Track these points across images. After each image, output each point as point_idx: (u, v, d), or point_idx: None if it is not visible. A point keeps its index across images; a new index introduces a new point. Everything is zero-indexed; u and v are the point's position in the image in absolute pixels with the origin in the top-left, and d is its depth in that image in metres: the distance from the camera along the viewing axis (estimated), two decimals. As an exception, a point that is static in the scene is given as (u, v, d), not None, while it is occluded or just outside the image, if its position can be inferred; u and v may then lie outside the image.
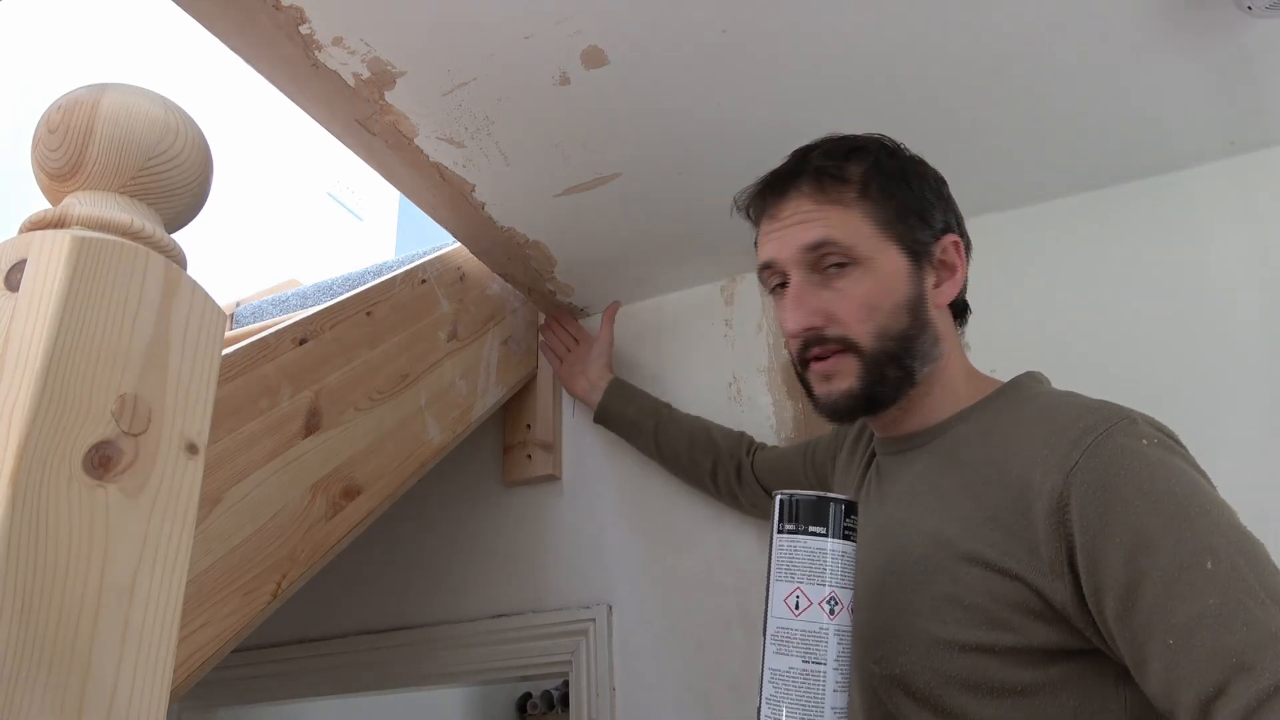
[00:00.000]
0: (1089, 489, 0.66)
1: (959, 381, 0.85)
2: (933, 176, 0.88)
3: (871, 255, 0.81)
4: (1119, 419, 0.69)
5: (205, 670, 0.87)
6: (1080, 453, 0.67)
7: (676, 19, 1.04)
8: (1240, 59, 1.13)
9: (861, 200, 0.83)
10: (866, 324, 0.80)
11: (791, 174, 0.86)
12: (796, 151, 0.89)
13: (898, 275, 0.82)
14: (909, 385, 0.82)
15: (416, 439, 1.24)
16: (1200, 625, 0.59)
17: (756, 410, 1.49)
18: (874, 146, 0.87)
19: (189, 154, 0.59)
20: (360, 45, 1.05)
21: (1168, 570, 0.61)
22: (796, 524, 0.68)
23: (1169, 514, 0.63)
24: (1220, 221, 1.30)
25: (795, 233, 0.82)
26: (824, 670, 0.65)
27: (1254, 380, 1.22)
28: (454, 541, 1.67)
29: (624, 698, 1.43)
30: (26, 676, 0.44)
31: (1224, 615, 0.59)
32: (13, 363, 0.48)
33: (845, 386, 0.81)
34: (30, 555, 0.45)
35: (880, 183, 0.84)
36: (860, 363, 0.80)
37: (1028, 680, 0.68)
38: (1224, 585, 0.60)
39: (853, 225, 0.82)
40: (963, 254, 0.87)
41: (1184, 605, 0.60)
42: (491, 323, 1.51)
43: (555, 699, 3.60)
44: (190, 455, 0.55)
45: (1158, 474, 0.65)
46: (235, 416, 0.93)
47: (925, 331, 0.82)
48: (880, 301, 0.80)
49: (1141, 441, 0.67)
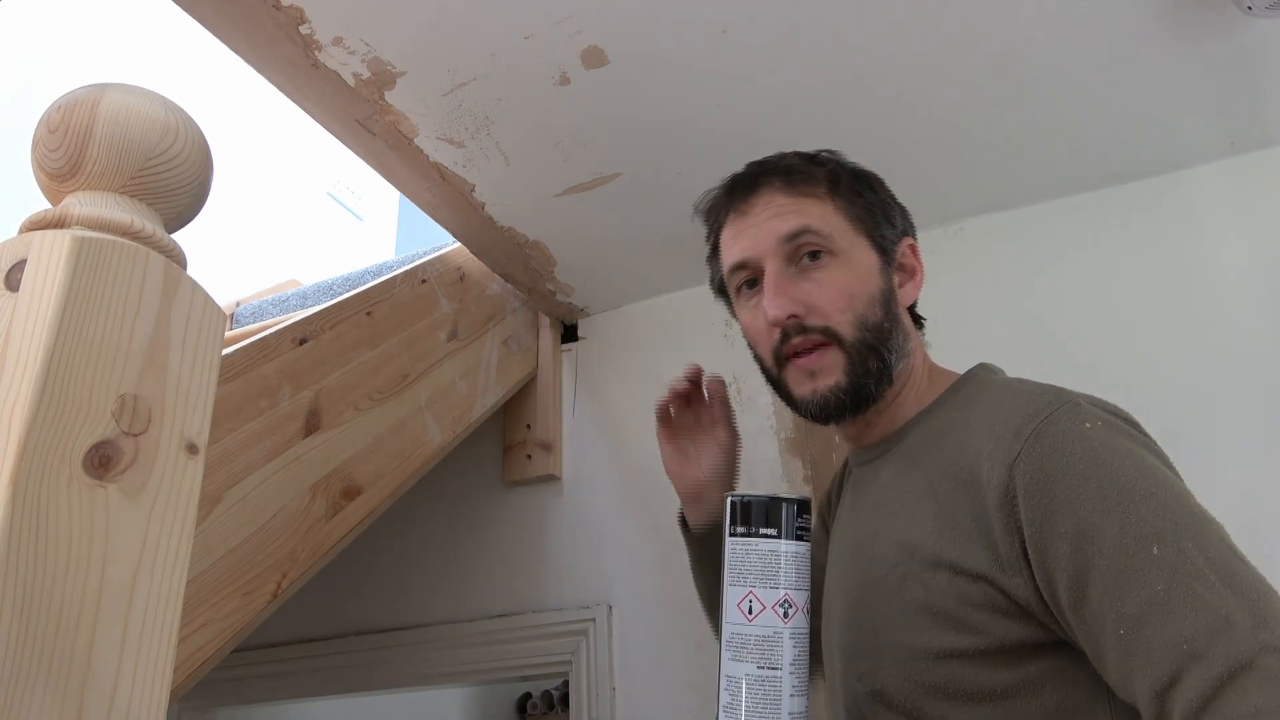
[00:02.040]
0: (1032, 480, 0.65)
1: (923, 382, 0.85)
2: (887, 187, 0.90)
3: (846, 248, 0.82)
4: (1060, 404, 0.68)
5: (205, 670, 0.87)
6: (1022, 443, 0.66)
7: (677, 19, 1.04)
8: (1240, 59, 1.13)
9: (832, 195, 0.84)
10: (847, 313, 0.80)
11: (760, 173, 0.87)
12: (754, 161, 0.90)
13: (870, 269, 0.83)
14: (887, 381, 0.81)
15: (416, 439, 1.24)
16: (1149, 613, 0.58)
17: (756, 410, 1.49)
18: (835, 156, 0.89)
19: (189, 154, 0.59)
20: (360, 45, 1.05)
21: (1114, 558, 0.60)
22: (748, 526, 0.66)
23: (1113, 499, 0.62)
24: (1220, 221, 1.30)
25: (771, 225, 0.82)
26: (780, 675, 0.64)
27: (1254, 380, 1.22)
28: (454, 541, 1.67)
29: (624, 698, 1.43)
30: (26, 676, 0.44)
31: (1172, 602, 0.58)
32: (13, 363, 0.48)
33: (833, 382, 0.79)
34: (30, 555, 0.45)
35: (847, 182, 0.85)
36: (844, 355, 0.79)
37: (1006, 682, 0.66)
38: (1171, 570, 0.58)
39: (827, 216, 0.83)
40: (919, 258, 0.89)
41: (1132, 593, 0.59)
42: (491, 323, 1.51)
43: (555, 699, 3.60)
44: (190, 455, 0.55)
45: (1100, 457, 0.64)
46: (235, 416, 0.93)
47: (897, 326, 0.83)
48: (858, 291, 0.80)
49: (1084, 425, 0.66)
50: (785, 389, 0.83)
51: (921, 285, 0.88)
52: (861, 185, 0.86)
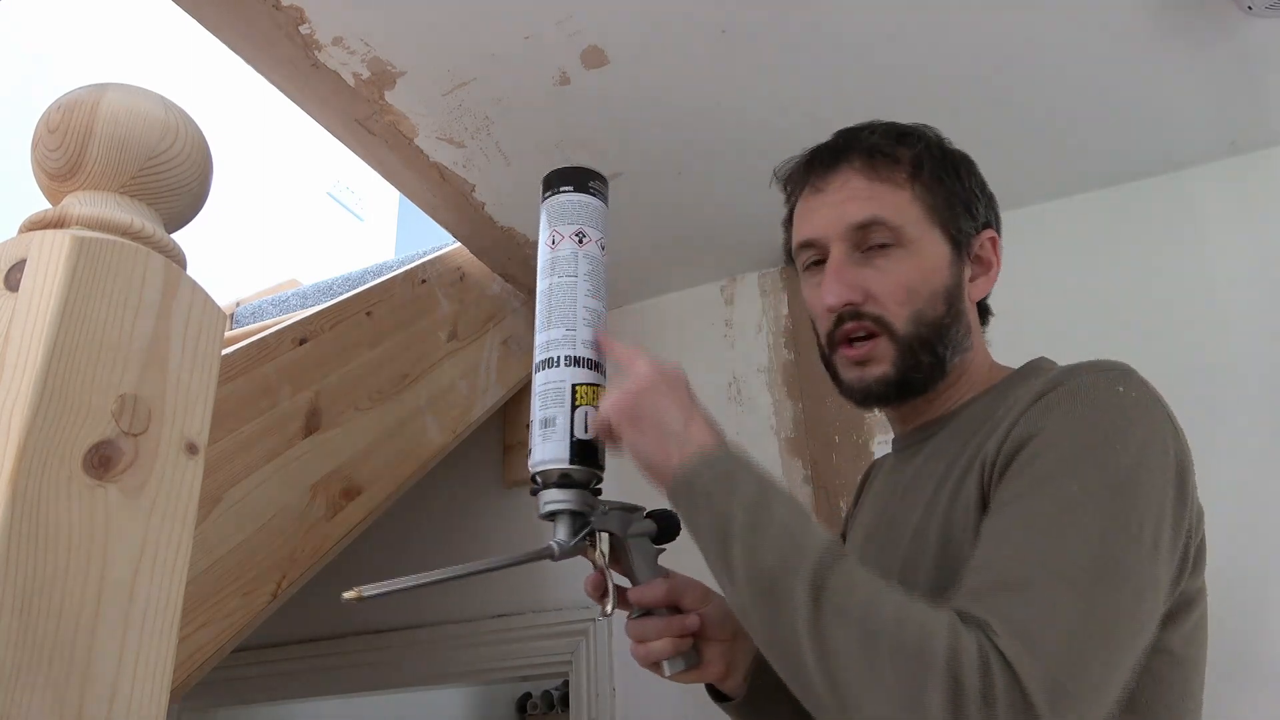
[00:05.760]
0: (1043, 403, 0.67)
1: (982, 373, 0.84)
2: (978, 172, 0.88)
3: (917, 238, 0.80)
4: (1110, 367, 0.70)
5: (205, 670, 0.87)
6: (1054, 384, 0.69)
7: (676, 19, 1.04)
8: (1240, 59, 1.13)
9: (913, 182, 0.81)
10: (905, 307, 0.79)
11: (842, 148, 0.84)
12: (843, 131, 0.87)
13: (940, 262, 0.81)
14: (940, 374, 0.80)
15: (416, 439, 1.24)
16: (1024, 528, 0.61)
17: (756, 410, 1.49)
18: (925, 134, 0.86)
19: (189, 154, 0.59)
20: (360, 45, 1.05)
21: (1042, 474, 0.63)
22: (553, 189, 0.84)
23: (1092, 438, 0.64)
24: (1220, 221, 1.30)
25: (844, 209, 0.81)
26: (575, 281, 0.80)
27: (1254, 380, 1.21)
28: (454, 542, 1.67)
29: (624, 698, 1.43)
30: (26, 676, 0.44)
31: (1049, 530, 0.59)
32: (13, 363, 0.48)
33: (880, 372, 0.79)
34: (30, 555, 0.45)
35: (931, 168, 0.82)
36: (895, 348, 0.79)
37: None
38: (1073, 512, 0.60)
39: (902, 206, 0.80)
40: (998, 252, 0.87)
41: (1033, 505, 0.61)
42: (491, 323, 1.51)
43: (555, 699, 3.60)
44: (190, 455, 0.55)
45: (1111, 414, 0.65)
46: (235, 416, 0.93)
47: (959, 321, 0.81)
48: (920, 286, 0.79)
49: (1118, 386, 0.68)
50: (833, 370, 0.84)
51: (995, 279, 0.86)
52: (946, 172, 0.83)
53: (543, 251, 0.83)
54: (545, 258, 0.82)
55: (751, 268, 1.57)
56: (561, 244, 0.82)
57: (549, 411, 0.78)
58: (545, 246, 0.83)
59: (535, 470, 0.79)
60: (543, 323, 0.81)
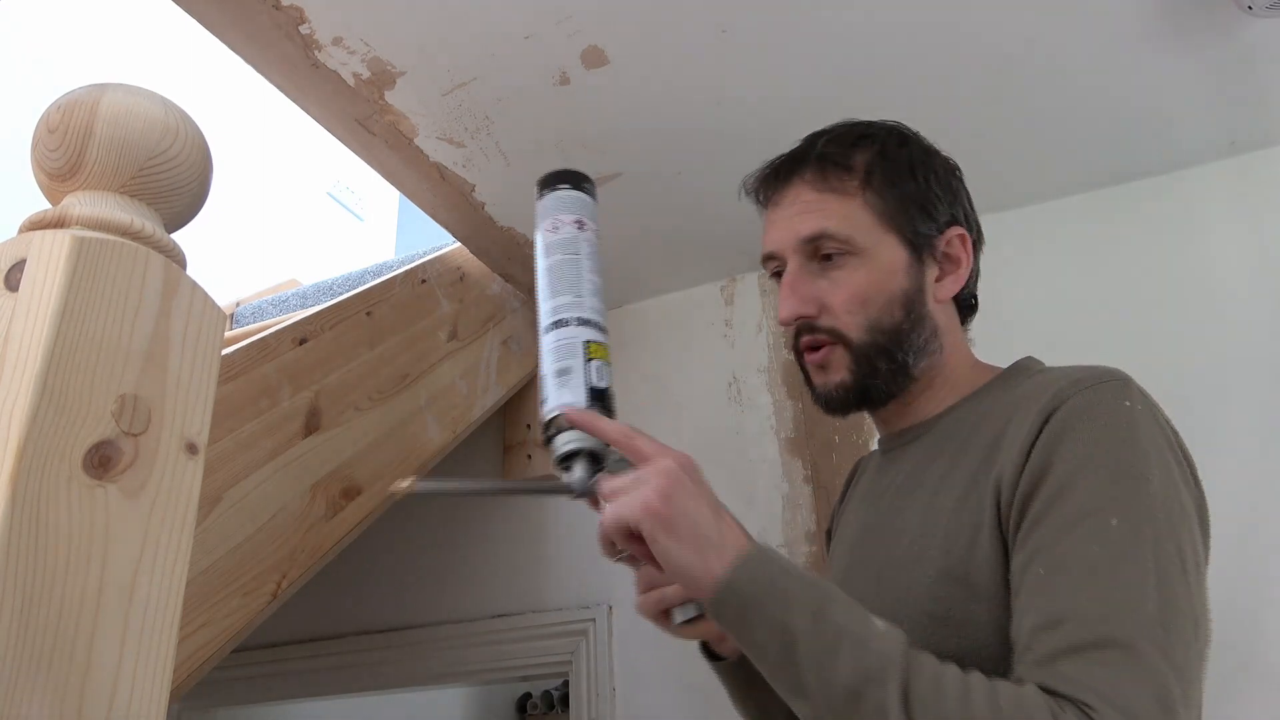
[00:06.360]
0: (1056, 428, 0.67)
1: (961, 374, 0.84)
2: (942, 168, 0.87)
3: (869, 246, 0.81)
4: (1110, 378, 0.70)
5: (205, 670, 0.87)
6: (1061, 401, 0.69)
7: (676, 19, 1.04)
8: (1240, 59, 1.13)
9: (864, 189, 0.82)
10: (857, 316, 0.80)
11: (796, 160, 0.85)
12: (808, 136, 0.88)
13: (895, 267, 0.81)
14: (904, 379, 0.81)
15: (416, 439, 1.24)
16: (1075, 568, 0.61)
17: (756, 410, 1.49)
18: (883, 134, 0.86)
19: (188, 154, 0.59)
20: (360, 45, 1.05)
21: (1076, 509, 0.63)
22: (549, 187, 0.87)
23: (1112, 466, 0.64)
24: (1220, 221, 1.30)
25: (794, 223, 0.82)
26: (579, 258, 0.83)
27: (1254, 380, 1.21)
28: (454, 541, 1.67)
29: (624, 698, 1.43)
30: (26, 676, 0.44)
31: (1100, 569, 0.60)
32: (13, 363, 0.48)
33: (838, 379, 0.81)
34: (30, 555, 0.45)
35: (884, 172, 0.82)
36: (850, 356, 0.80)
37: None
38: (1117, 545, 0.60)
39: (852, 216, 0.81)
40: (969, 248, 0.85)
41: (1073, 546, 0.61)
42: (491, 323, 1.51)
43: (555, 699, 3.60)
44: (190, 455, 0.55)
45: (1123, 433, 0.66)
46: (235, 416, 0.93)
47: (921, 325, 0.82)
48: (874, 294, 0.80)
49: (1124, 402, 0.68)
50: (806, 376, 0.85)
51: (966, 278, 0.85)
52: (900, 174, 0.83)
53: (543, 238, 0.85)
54: (547, 241, 0.84)
55: (751, 268, 1.57)
56: (563, 229, 0.84)
57: (564, 363, 0.79)
58: (546, 233, 0.85)
59: (552, 414, 0.78)
60: (548, 293, 0.82)
